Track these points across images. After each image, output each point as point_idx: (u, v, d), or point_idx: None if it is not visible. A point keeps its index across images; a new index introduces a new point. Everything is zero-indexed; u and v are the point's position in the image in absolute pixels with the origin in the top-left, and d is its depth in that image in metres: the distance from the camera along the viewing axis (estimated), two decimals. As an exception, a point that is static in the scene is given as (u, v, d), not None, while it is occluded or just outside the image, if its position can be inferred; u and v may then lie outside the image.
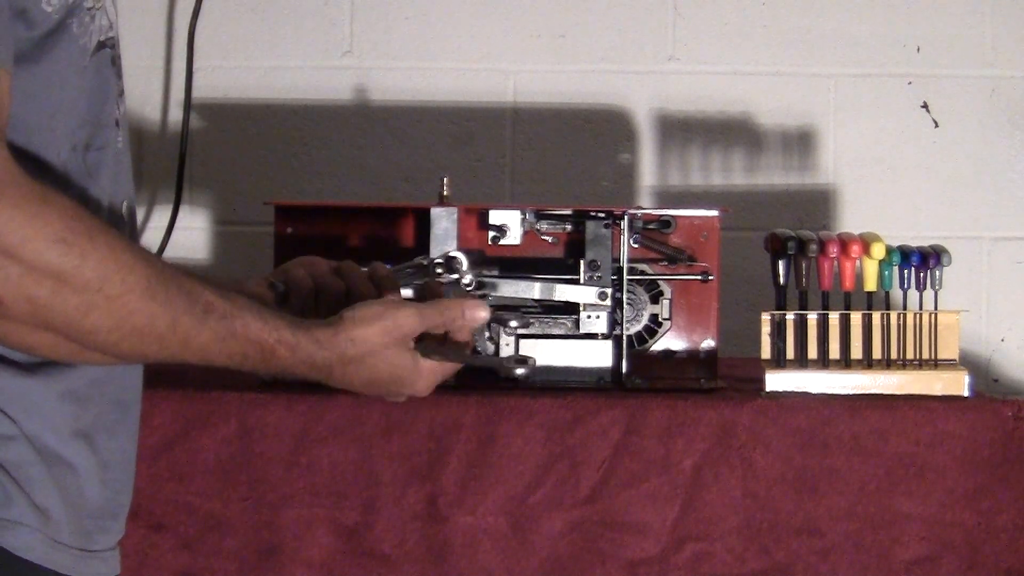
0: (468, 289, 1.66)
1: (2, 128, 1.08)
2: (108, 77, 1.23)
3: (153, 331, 1.13)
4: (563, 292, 1.78)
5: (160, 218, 2.37)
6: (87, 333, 1.11)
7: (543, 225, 1.84)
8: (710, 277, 1.83)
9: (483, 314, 1.35)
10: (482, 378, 1.67)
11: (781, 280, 1.83)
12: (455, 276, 1.68)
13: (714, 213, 1.84)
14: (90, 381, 1.22)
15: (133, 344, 1.13)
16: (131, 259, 1.12)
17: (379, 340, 1.28)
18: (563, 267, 1.82)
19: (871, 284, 1.82)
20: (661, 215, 1.84)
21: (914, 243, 1.85)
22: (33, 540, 1.18)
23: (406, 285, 1.64)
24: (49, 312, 1.09)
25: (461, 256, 1.68)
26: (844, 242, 1.82)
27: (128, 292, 1.11)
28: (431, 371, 1.33)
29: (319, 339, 1.25)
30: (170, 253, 2.32)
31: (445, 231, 1.78)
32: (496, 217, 1.82)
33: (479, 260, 1.79)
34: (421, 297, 1.65)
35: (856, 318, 1.82)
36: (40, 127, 1.17)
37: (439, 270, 1.67)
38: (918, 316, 1.82)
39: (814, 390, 1.78)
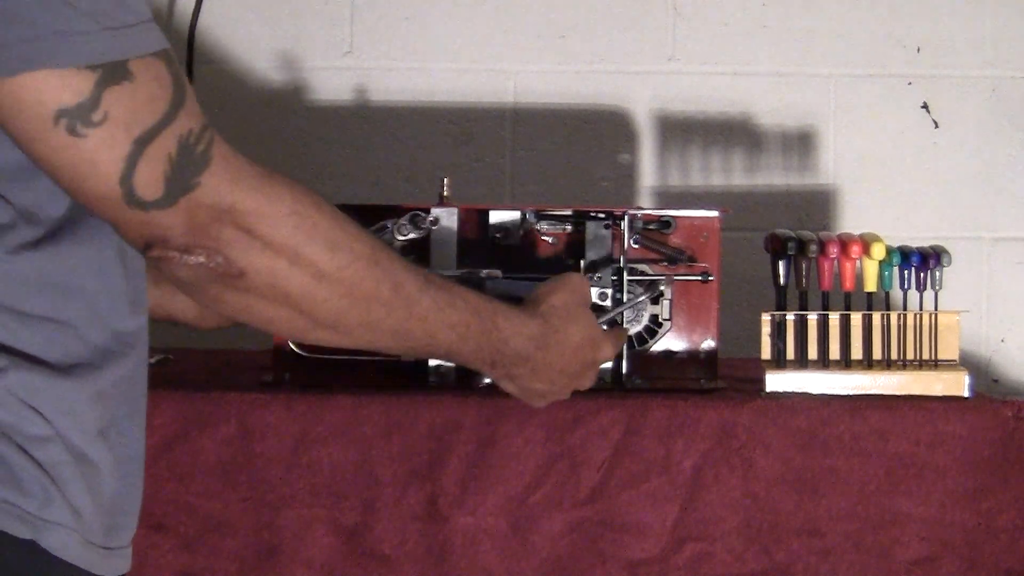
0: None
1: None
2: None
3: (379, 296, 1.20)
4: (563, 292, 1.78)
5: (160, 218, 2.37)
6: (320, 302, 1.17)
7: (543, 225, 1.84)
8: (710, 277, 1.83)
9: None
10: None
11: (781, 280, 1.83)
12: (423, 232, 1.72)
13: (714, 214, 1.84)
14: (115, 380, 1.23)
15: (361, 312, 1.20)
16: (355, 229, 1.19)
17: (572, 299, 1.39)
18: (563, 267, 1.81)
19: (871, 284, 1.82)
20: (661, 215, 1.83)
21: (914, 243, 1.85)
22: (69, 540, 1.18)
23: None
24: (287, 283, 1.15)
25: (424, 214, 1.71)
26: (844, 242, 1.82)
27: (357, 259, 1.18)
28: (609, 333, 1.45)
29: (523, 309, 1.35)
30: (170, 253, 2.32)
31: (445, 231, 1.78)
32: (496, 217, 1.82)
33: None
34: None
35: (856, 318, 1.82)
36: None
37: (405, 229, 1.70)
38: (918, 316, 1.82)
39: (814, 390, 1.78)
